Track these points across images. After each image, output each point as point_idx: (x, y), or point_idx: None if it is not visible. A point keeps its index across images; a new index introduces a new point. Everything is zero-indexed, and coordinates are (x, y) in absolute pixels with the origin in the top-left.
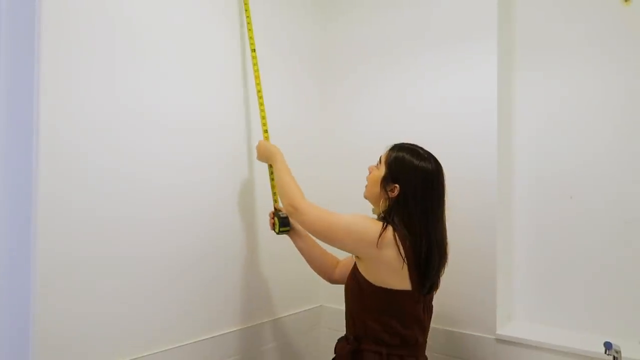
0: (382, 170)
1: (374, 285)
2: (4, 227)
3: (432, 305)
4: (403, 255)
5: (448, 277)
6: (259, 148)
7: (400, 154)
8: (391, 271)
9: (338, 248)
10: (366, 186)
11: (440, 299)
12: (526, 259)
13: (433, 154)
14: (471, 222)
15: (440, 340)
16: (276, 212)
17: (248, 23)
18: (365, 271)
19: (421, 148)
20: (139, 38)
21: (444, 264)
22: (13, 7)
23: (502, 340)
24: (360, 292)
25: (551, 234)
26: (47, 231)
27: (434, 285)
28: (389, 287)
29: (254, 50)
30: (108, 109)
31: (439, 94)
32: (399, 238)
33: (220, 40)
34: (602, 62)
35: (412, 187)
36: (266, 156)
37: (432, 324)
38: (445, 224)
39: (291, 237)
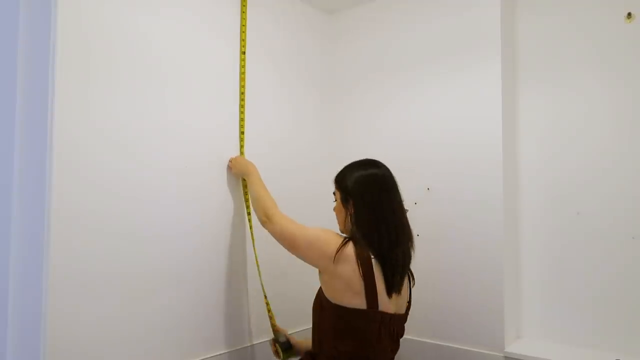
0: (337, 197)
1: (331, 303)
2: (18, 240)
3: (401, 329)
4: (361, 272)
5: (456, 294)
6: (235, 163)
7: (341, 174)
8: (347, 287)
9: (300, 258)
10: (337, 221)
11: (447, 316)
12: (534, 276)
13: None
14: (478, 239)
15: (448, 358)
16: (276, 339)
17: (243, 25)
18: (324, 287)
19: (359, 160)
20: (150, 55)
21: (410, 248)
22: (31, 24)
23: (510, 358)
24: (320, 308)
25: (559, 251)
26: (60, 243)
27: (402, 279)
28: (344, 304)
29: (243, 53)
30: (119, 126)
31: (444, 113)
32: (357, 253)
33: (224, 60)
34: (606, 78)
35: (361, 193)
36: (242, 171)
37: (440, 341)
38: (403, 214)
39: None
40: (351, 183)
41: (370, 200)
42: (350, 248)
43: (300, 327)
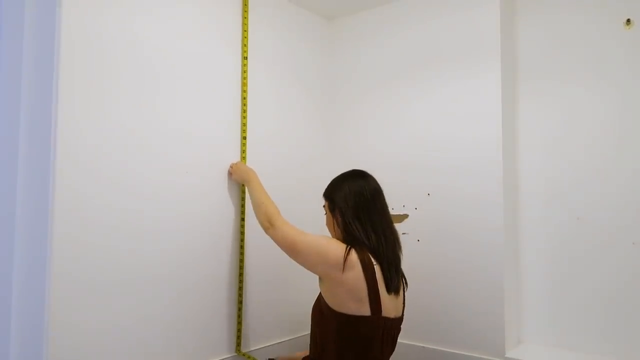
0: (326, 208)
1: (333, 310)
2: (21, 244)
3: (399, 330)
4: (364, 277)
5: (456, 299)
6: (235, 169)
7: (328, 186)
8: (349, 294)
9: (301, 265)
10: (331, 232)
11: (448, 321)
12: (535, 281)
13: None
14: (479, 244)
15: None
16: None
17: (244, 31)
18: (326, 294)
19: (344, 172)
20: (150, 60)
21: (397, 248)
22: (36, 29)
23: None
24: (321, 315)
25: (559, 256)
26: (62, 247)
27: (398, 277)
28: (347, 312)
29: (245, 58)
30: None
31: (443, 118)
32: (360, 258)
33: (225, 67)
34: (606, 83)
35: (345, 199)
36: (242, 177)
37: (440, 346)
38: (389, 217)
39: None
40: (337, 192)
41: (354, 204)
42: (353, 254)
43: (300, 333)
